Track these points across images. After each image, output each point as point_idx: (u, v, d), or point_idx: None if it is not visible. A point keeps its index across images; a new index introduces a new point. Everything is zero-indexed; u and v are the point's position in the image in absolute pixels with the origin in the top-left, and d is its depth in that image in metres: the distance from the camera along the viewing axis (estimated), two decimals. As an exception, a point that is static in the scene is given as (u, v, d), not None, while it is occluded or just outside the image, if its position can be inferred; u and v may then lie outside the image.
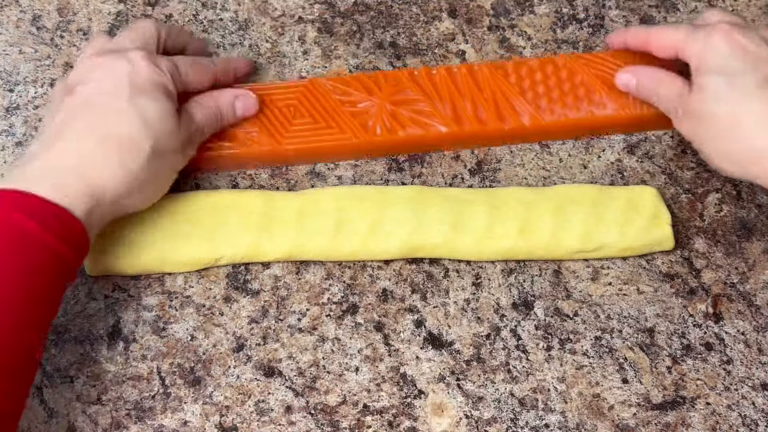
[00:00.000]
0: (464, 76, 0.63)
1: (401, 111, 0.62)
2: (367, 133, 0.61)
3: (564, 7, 0.70)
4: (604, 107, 0.63)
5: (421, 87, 0.63)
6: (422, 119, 0.62)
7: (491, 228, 0.58)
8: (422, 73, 0.63)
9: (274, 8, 0.69)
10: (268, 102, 0.62)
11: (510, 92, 0.63)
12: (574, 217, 0.59)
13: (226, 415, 0.55)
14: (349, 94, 0.62)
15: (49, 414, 0.54)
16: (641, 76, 0.61)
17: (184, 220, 0.58)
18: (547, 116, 0.62)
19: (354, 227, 0.58)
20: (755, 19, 0.70)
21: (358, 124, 0.61)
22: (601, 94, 0.63)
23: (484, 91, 0.63)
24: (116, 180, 0.52)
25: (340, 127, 0.61)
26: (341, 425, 0.55)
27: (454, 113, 0.62)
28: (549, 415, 0.55)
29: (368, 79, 0.63)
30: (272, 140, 0.61)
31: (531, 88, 0.63)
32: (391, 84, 0.63)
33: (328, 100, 0.62)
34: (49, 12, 0.68)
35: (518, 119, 0.62)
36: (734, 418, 0.55)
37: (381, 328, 0.58)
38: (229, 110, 0.59)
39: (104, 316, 0.57)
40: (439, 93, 0.63)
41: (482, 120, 0.62)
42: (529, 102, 0.63)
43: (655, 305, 0.59)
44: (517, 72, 0.64)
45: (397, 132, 0.61)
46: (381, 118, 0.62)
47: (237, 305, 0.58)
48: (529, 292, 0.59)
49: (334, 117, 0.62)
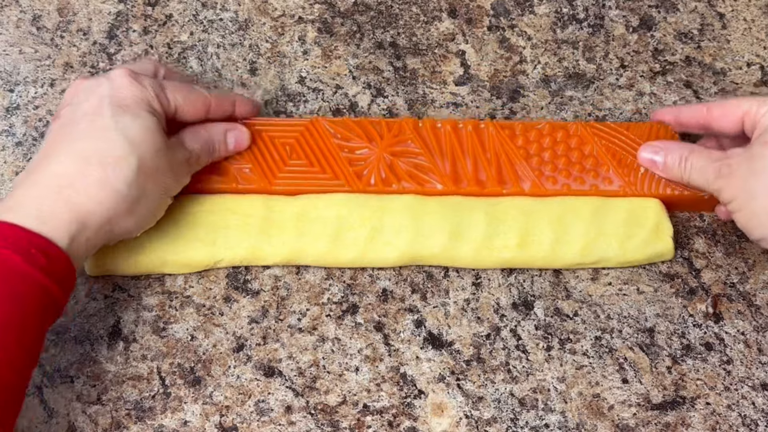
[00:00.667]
0: (469, 133, 0.60)
1: (399, 163, 0.60)
2: (360, 181, 0.59)
3: (564, 7, 0.70)
4: (610, 182, 0.60)
5: (423, 139, 0.60)
6: (419, 174, 0.60)
7: (490, 238, 0.58)
8: (426, 125, 0.61)
9: (274, 8, 0.69)
10: (266, 138, 0.60)
11: (514, 155, 0.60)
12: (574, 229, 0.58)
13: (226, 415, 0.55)
14: (349, 138, 0.60)
15: (49, 414, 0.54)
16: (669, 150, 0.58)
17: (184, 222, 0.58)
18: (549, 185, 0.60)
19: (353, 235, 0.58)
20: (755, 19, 0.70)
21: (353, 172, 0.59)
22: (609, 168, 0.60)
23: (488, 151, 0.60)
24: (101, 201, 0.50)
25: (334, 173, 0.59)
26: (341, 425, 0.55)
27: (453, 171, 0.60)
28: (549, 415, 0.55)
29: (371, 125, 0.61)
30: (263, 179, 0.59)
31: (537, 153, 0.60)
32: (393, 133, 0.60)
33: (327, 142, 0.60)
34: (49, 12, 0.68)
35: (519, 185, 0.60)
36: (734, 418, 0.55)
37: (381, 328, 0.58)
38: (221, 142, 0.58)
39: (104, 316, 0.57)
40: (441, 148, 0.60)
41: (481, 181, 0.60)
42: (533, 168, 0.60)
43: (655, 305, 0.59)
44: (525, 135, 0.61)
45: (392, 185, 0.59)
46: (377, 168, 0.60)
47: (237, 305, 0.58)
48: (529, 292, 0.59)
49: (330, 162, 0.60)
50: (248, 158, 0.60)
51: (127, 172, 0.51)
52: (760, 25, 0.70)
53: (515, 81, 0.67)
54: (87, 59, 0.66)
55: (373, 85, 0.66)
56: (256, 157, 0.60)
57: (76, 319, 0.57)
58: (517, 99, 0.66)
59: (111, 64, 0.66)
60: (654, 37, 0.69)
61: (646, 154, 0.59)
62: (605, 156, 0.60)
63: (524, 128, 0.61)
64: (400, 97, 0.66)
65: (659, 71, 0.67)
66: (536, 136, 0.61)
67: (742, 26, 0.70)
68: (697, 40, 0.69)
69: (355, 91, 0.66)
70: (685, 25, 0.69)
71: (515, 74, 0.67)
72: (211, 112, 0.57)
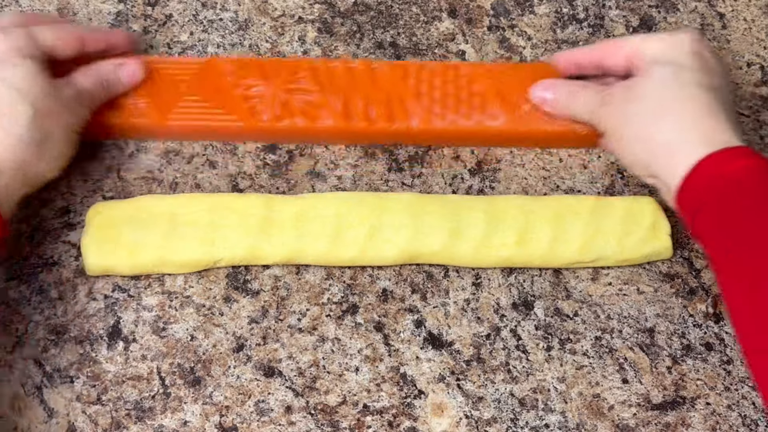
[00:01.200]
0: (362, 72, 0.63)
1: (293, 100, 0.62)
2: (253, 117, 0.61)
3: (564, 7, 0.70)
4: (495, 119, 0.62)
5: (318, 79, 0.62)
6: (311, 111, 0.61)
7: (489, 237, 0.58)
8: (321, 65, 0.63)
9: (274, 8, 0.69)
10: (164, 74, 0.62)
11: (406, 93, 0.62)
12: (572, 227, 0.59)
13: (226, 415, 0.55)
14: (245, 77, 0.62)
15: (49, 414, 0.54)
16: (558, 86, 0.61)
17: (183, 222, 0.58)
18: (437, 122, 0.62)
19: (352, 233, 0.58)
20: (755, 19, 0.70)
21: (247, 108, 0.61)
22: (495, 105, 0.62)
23: (380, 89, 0.62)
24: (7, 147, 0.53)
25: (227, 109, 0.61)
26: (341, 425, 0.55)
27: (345, 108, 0.62)
28: (549, 415, 0.55)
29: (267, 64, 0.63)
30: (158, 114, 0.61)
31: (428, 92, 0.62)
32: (289, 71, 0.62)
33: (223, 80, 0.62)
34: (49, 12, 0.68)
35: (407, 121, 0.61)
36: (734, 418, 0.55)
37: (381, 328, 0.58)
38: (113, 78, 0.60)
39: (104, 316, 0.57)
40: (334, 86, 0.62)
41: (371, 118, 0.61)
42: (422, 106, 0.62)
43: (655, 305, 0.59)
44: (417, 74, 0.63)
45: (284, 120, 0.61)
46: (271, 105, 0.61)
47: (237, 305, 0.58)
48: (529, 292, 0.59)
49: (225, 98, 0.62)
50: (144, 93, 0.61)
51: (23, 119, 0.53)
52: (760, 25, 0.70)
53: (515, 81, 0.67)
54: (87, 59, 0.66)
55: (373, 85, 0.66)
56: (151, 92, 0.61)
57: (76, 319, 0.57)
58: (517, 99, 0.66)
59: (111, 64, 0.66)
60: (654, 37, 0.69)
61: (538, 91, 0.62)
62: (492, 94, 0.62)
63: (417, 68, 0.63)
64: (400, 97, 0.66)
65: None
66: (428, 75, 0.63)
67: (742, 26, 0.70)
68: (697, 40, 0.69)
69: (355, 91, 0.66)
70: (685, 25, 0.69)
71: (515, 74, 0.67)
72: (87, 45, 0.59)
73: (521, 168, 0.63)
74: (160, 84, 0.62)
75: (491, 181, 0.63)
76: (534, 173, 0.63)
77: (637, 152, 0.55)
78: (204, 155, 0.63)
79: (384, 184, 0.62)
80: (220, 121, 0.61)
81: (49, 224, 0.60)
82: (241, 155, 0.63)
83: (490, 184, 0.63)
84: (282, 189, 0.62)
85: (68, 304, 0.58)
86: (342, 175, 0.63)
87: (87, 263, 0.57)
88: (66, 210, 0.61)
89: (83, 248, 0.57)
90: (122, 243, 0.57)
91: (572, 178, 0.63)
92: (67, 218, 0.60)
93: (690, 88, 0.54)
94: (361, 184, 0.62)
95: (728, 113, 0.54)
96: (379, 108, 0.62)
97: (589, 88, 0.60)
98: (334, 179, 0.62)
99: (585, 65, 0.62)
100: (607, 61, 0.60)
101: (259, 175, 0.62)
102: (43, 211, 0.60)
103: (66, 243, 0.59)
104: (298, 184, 0.62)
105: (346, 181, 0.62)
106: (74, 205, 0.61)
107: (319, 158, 0.63)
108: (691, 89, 0.54)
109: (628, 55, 0.58)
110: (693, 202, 0.51)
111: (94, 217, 0.58)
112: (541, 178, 0.63)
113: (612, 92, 0.57)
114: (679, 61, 0.55)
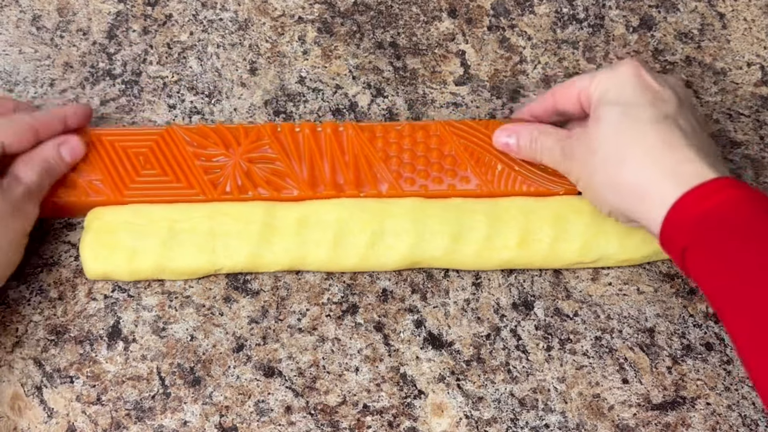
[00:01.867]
0: (329, 136, 0.60)
1: (256, 169, 0.59)
2: (216, 190, 0.58)
3: (564, 7, 0.70)
4: (467, 182, 0.60)
5: (281, 144, 0.60)
6: (276, 180, 0.59)
7: (491, 239, 0.58)
8: (285, 130, 0.60)
9: (274, 8, 0.69)
10: (119, 149, 0.59)
11: (373, 157, 0.60)
12: (574, 228, 0.59)
13: (226, 416, 0.55)
14: (205, 146, 0.59)
15: (49, 414, 0.54)
16: (521, 132, 0.59)
17: (182, 229, 0.57)
18: (406, 186, 0.59)
19: (354, 240, 0.58)
20: (755, 19, 0.70)
21: (208, 180, 0.58)
22: (467, 167, 0.60)
23: (347, 153, 0.60)
24: None
25: (189, 182, 0.58)
26: (341, 425, 0.55)
27: (311, 175, 0.59)
28: (549, 416, 0.55)
29: (228, 131, 0.60)
30: (115, 191, 0.58)
31: (397, 154, 0.60)
32: (251, 139, 0.60)
33: (182, 151, 0.59)
34: (49, 12, 0.68)
35: (377, 187, 0.59)
36: (734, 418, 0.55)
37: (381, 328, 0.58)
38: (57, 159, 0.57)
39: (104, 316, 0.57)
40: (299, 152, 0.60)
41: (338, 185, 0.59)
42: (391, 170, 0.60)
43: (656, 305, 0.59)
44: (385, 136, 0.60)
45: (248, 192, 0.58)
46: (233, 175, 0.59)
47: (237, 305, 0.58)
48: (529, 293, 0.59)
49: (184, 170, 0.59)
50: (98, 170, 0.59)
51: None
52: (760, 25, 0.70)
53: (515, 81, 0.67)
54: (87, 59, 0.66)
55: (373, 85, 0.66)
56: (107, 168, 0.59)
57: (76, 319, 0.57)
58: (517, 99, 0.66)
59: (111, 64, 0.66)
60: (654, 37, 0.69)
61: (500, 137, 0.60)
62: (464, 155, 0.60)
63: (384, 129, 0.61)
64: (400, 97, 0.66)
65: (659, 71, 0.67)
66: (396, 137, 0.61)
67: (742, 26, 0.70)
68: (698, 40, 0.69)
69: (355, 91, 0.66)
70: (685, 25, 0.69)
71: (515, 74, 0.67)
72: (41, 135, 0.57)
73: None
74: (115, 159, 0.59)
75: (491, 181, 0.63)
76: (534, 173, 0.63)
77: (609, 200, 0.54)
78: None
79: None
80: (180, 195, 0.58)
81: (49, 224, 0.60)
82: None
83: (490, 184, 0.62)
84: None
85: (68, 304, 0.58)
86: (342, 175, 0.62)
87: (86, 268, 0.57)
88: (66, 210, 0.60)
89: (82, 253, 0.57)
90: (121, 249, 0.57)
91: (572, 178, 0.63)
92: (67, 218, 0.60)
93: (642, 125, 0.52)
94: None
95: (690, 137, 0.52)
96: (347, 174, 0.59)
97: (550, 136, 0.58)
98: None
99: (543, 116, 0.60)
100: (561, 107, 0.58)
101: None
102: (43, 211, 0.60)
103: (66, 243, 0.59)
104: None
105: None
106: (74, 205, 0.61)
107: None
108: (644, 126, 0.52)
109: (579, 97, 0.56)
110: (677, 243, 0.50)
111: (92, 221, 0.58)
112: (541, 178, 0.63)
113: (571, 144, 0.56)
114: (624, 98, 0.53)
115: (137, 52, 0.67)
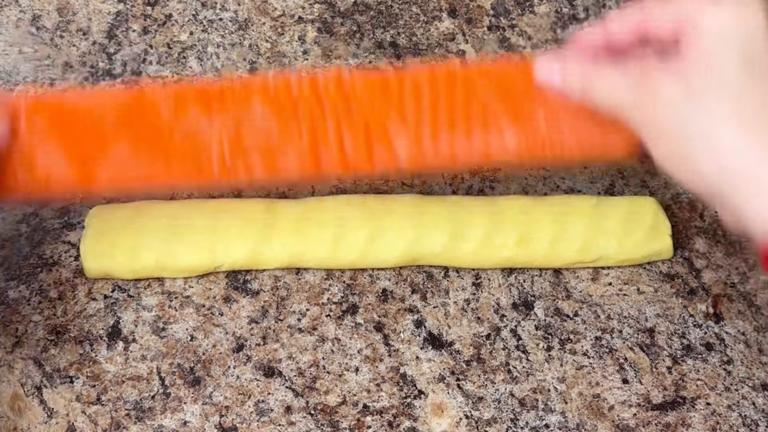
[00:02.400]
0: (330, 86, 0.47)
1: (246, 138, 0.47)
2: (201, 173, 0.47)
3: (564, 7, 0.70)
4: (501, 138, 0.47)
5: (276, 102, 0.48)
6: (270, 156, 0.48)
7: (490, 238, 0.58)
8: (279, 83, 0.48)
9: (274, 8, 0.69)
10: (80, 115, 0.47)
11: (385, 114, 0.47)
12: (573, 228, 0.59)
13: (226, 416, 0.55)
14: (185, 110, 0.47)
15: (49, 414, 0.54)
16: (568, 69, 0.46)
17: (183, 226, 0.58)
18: (429, 157, 0.47)
19: (353, 237, 0.58)
20: (755, 19, 0.70)
21: (189, 160, 0.47)
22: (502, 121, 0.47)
23: (354, 112, 0.47)
24: None
25: (166, 164, 0.47)
26: (341, 425, 0.55)
27: (312, 146, 0.47)
28: (549, 416, 0.55)
29: (212, 88, 0.48)
30: (81, 174, 0.48)
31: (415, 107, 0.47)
32: (238, 97, 0.48)
33: (159, 117, 0.47)
34: (49, 12, 0.68)
35: (394, 157, 0.47)
36: (734, 418, 0.55)
37: (381, 328, 0.58)
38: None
39: (104, 316, 0.57)
40: (297, 114, 0.48)
41: (347, 157, 0.47)
42: (409, 129, 0.47)
43: (656, 305, 0.59)
44: (400, 82, 0.47)
45: (238, 171, 0.48)
46: (220, 151, 0.47)
47: (237, 305, 0.58)
48: (529, 293, 0.59)
49: (161, 147, 0.47)
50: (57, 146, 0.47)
51: None
52: None
53: (515, 81, 0.67)
54: (86, 59, 0.66)
55: (373, 85, 0.66)
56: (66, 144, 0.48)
57: (75, 319, 0.57)
58: (517, 99, 0.66)
59: (110, 63, 0.66)
60: (654, 37, 0.69)
61: (543, 71, 0.48)
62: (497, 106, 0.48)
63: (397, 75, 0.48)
64: (400, 97, 0.66)
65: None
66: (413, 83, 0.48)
67: (742, 26, 0.70)
68: (698, 40, 0.69)
69: (355, 91, 0.66)
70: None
71: (515, 74, 0.67)
72: None
73: (521, 168, 0.63)
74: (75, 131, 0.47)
75: (491, 181, 0.63)
76: (534, 172, 0.63)
77: (704, 173, 0.41)
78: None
79: (384, 184, 0.62)
80: (158, 183, 0.48)
81: (48, 224, 0.60)
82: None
83: (490, 184, 0.63)
84: (282, 189, 0.62)
85: (68, 304, 0.58)
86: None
87: (86, 267, 0.57)
88: (66, 210, 0.61)
89: (82, 252, 0.57)
90: (121, 247, 0.57)
91: (572, 178, 0.63)
92: (67, 218, 0.60)
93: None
94: (361, 185, 0.62)
95: None
96: (356, 139, 0.48)
97: (613, 68, 0.44)
98: (334, 181, 0.62)
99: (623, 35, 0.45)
100: (654, 30, 0.44)
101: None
102: (43, 211, 0.60)
103: (66, 243, 0.60)
104: (298, 187, 0.62)
105: (347, 183, 0.62)
106: (74, 205, 0.61)
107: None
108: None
109: (679, 23, 0.42)
110: None
111: (93, 220, 0.58)
112: (541, 178, 0.63)
113: (656, 79, 0.42)
114: (753, 43, 0.41)
115: (137, 52, 0.67)
